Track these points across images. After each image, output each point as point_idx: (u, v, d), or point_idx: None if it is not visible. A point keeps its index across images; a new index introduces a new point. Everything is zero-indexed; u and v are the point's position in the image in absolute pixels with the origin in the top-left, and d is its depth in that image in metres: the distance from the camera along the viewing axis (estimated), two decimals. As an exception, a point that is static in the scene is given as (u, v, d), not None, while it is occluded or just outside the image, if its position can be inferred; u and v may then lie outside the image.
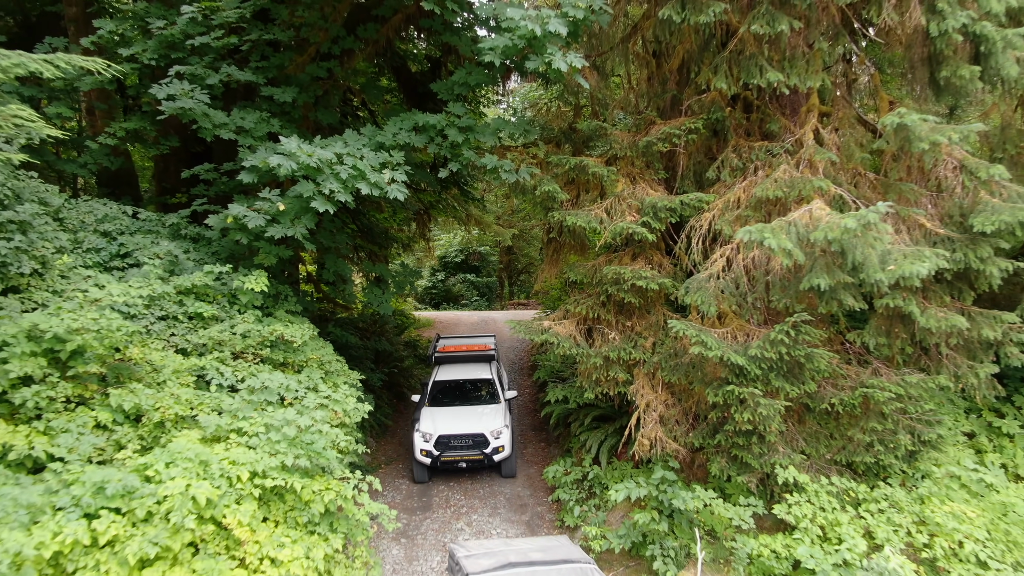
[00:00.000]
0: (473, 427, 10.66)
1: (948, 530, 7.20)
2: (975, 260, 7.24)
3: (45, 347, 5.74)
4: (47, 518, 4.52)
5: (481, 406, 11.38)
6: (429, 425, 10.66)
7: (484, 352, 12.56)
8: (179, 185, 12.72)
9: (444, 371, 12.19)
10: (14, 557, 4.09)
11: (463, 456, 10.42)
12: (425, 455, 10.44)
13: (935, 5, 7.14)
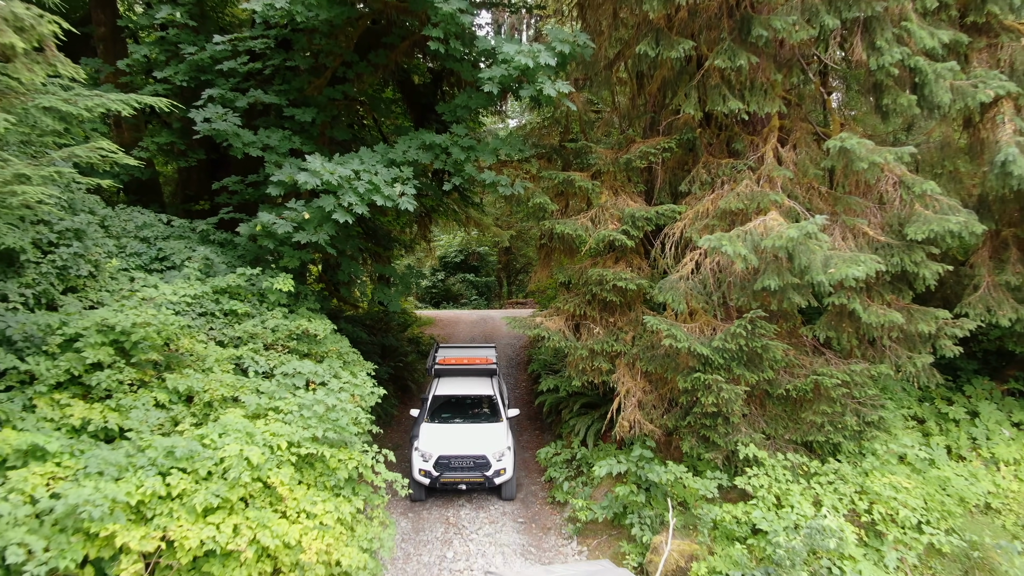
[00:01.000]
0: (475, 448, 10.26)
1: (886, 499, 8.29)
2: (910, 264, 8.33)
3: (112, 338, 6.80)
4: (129, 475, 5.59)
5: (483, 424, 10.97)
6: (428, 444, 10.26)
7: (486, 366, 12.08)
8: (201, 193, 13.80)
9: (444, 385, 11.73)
10: (111, 502, 5.15)
11: (463, 478, 10.09)
12: (424, 475, 10.08)
13: (875, 42, 8.22)
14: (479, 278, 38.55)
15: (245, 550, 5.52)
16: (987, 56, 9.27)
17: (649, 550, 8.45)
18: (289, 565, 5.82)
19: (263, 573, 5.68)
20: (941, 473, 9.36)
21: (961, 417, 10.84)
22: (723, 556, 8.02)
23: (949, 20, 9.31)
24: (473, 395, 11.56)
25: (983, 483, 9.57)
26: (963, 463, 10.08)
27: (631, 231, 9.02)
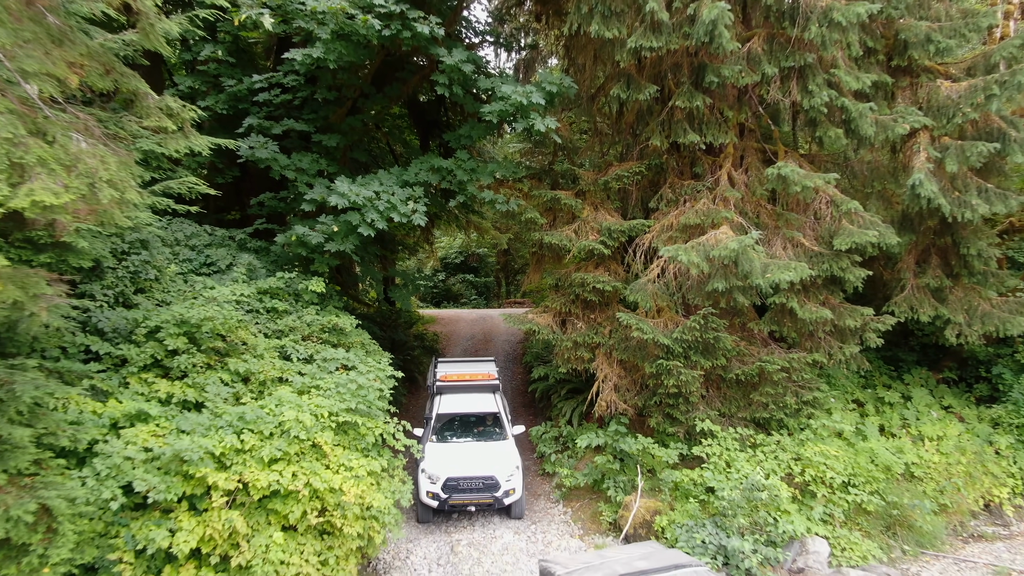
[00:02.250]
0: (483, 469, 10.17)
1: (816, 464, 9.99)
2: (838, 269, 10.04)
3: (185, 330, 8.48)
4: (212, 433, 7.27)
5: (490, 443, 10.90)
6: (435, 465, 10.16)
7: (488, 382, 11.92)
8: (229, 205, 15.50)
9: (447, 402, 11.51)
10: (204, 452, 6.82)
11: (473, 500, 10.05)
12: (432, 497, 10.01)
13: (807, 87, 9.92)
14: (478, 278, 40.22)
15: (301, 490, 7.21)
16: (909, 94, 11.00)
17: (621, 508, 10.15)
18: (332, 505, 7.49)
19: (314, 509, 7.35)
20: (871, 446, 11.05)
21: (896, 401, 12.55)
22: (681, 511, 9.73)
23: (878, 63, 11.03)
24: (478, 413, 11.42)
25: (908, 455, 11.25)
26: (893, 439, 11.78)
27: (608, 241, 10.72)
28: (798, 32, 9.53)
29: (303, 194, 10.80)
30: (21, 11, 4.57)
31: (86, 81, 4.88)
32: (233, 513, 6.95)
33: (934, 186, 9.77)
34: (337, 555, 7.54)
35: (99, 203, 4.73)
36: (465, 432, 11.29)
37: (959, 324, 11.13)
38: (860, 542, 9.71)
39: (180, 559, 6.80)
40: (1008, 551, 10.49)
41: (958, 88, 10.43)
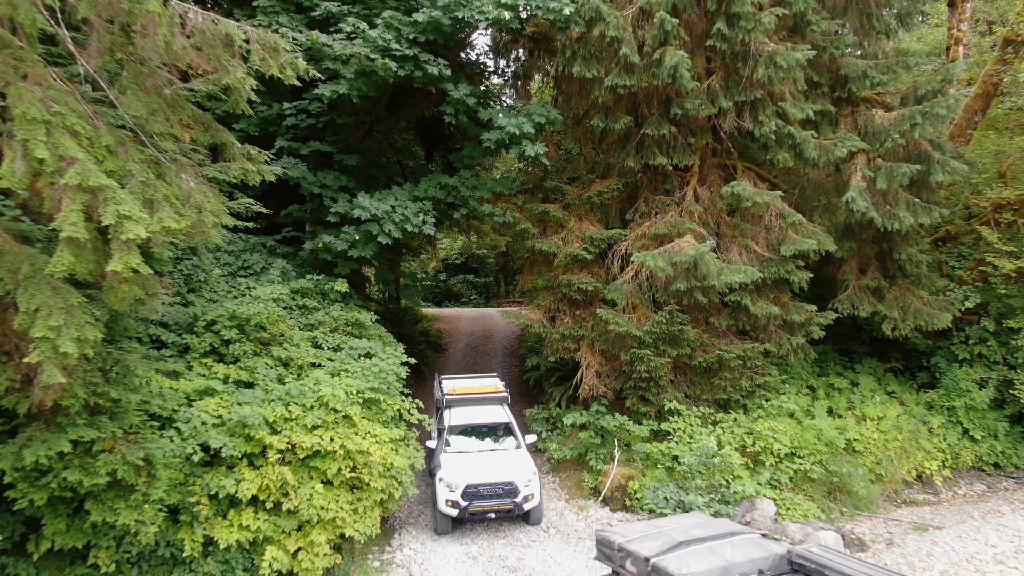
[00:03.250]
0: (502, 475, 10.34)
1: (766, 437, 11.76)
2: (785, 272, 11.82)
3: (237, 323, 10.25)
4: (266, 405, 9.02)
5: (505, 452, 11.13)
6: (453, 474, 10.32)
7: (497, 394, 12.26)
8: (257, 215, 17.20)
9: (457, 414, 11.77)
10: (261, 419, 8.58)
11: (493, 506, 10.10)
12: (451, 506, 10.09)
13: (758, 117, 11.69)
14: (478, 279, 41.95)
15: (337, 451, 8.97)
16: (850, 121, 12.78)
17: (601, 475, 11.93)
18: (361, 464, 9.24)
19: (347, 467, 9.09)
20: (818, 424, 12.82)
21: (844, 387, 14.34)
22: (650, 476, 11.51)
23: (824, 95, 12.83)
24: (490, 423, 11.71)
25: (851, 433, 13.01)
26: (839, 419, 13.55)
27: (591, 248, 12.50)
28: (749, 72, 11.29)
29: (328, 207, 12.56)
30: (149, 87, 6.35)
31: (193, 137, 6.61)
32: (283, 468, 8.71)
33: (865, 202, 11.55)
34: (365, 505, 9.29)
35: (205, 226, 6.49)
36: (479, 442, 11.44)
37: (894, 319, 12.92)
38: (802, 503, 11.47)
39: (243, 504, 8.56)
40: (933, 514, 12.28)
41: (889, 117, 12.21)
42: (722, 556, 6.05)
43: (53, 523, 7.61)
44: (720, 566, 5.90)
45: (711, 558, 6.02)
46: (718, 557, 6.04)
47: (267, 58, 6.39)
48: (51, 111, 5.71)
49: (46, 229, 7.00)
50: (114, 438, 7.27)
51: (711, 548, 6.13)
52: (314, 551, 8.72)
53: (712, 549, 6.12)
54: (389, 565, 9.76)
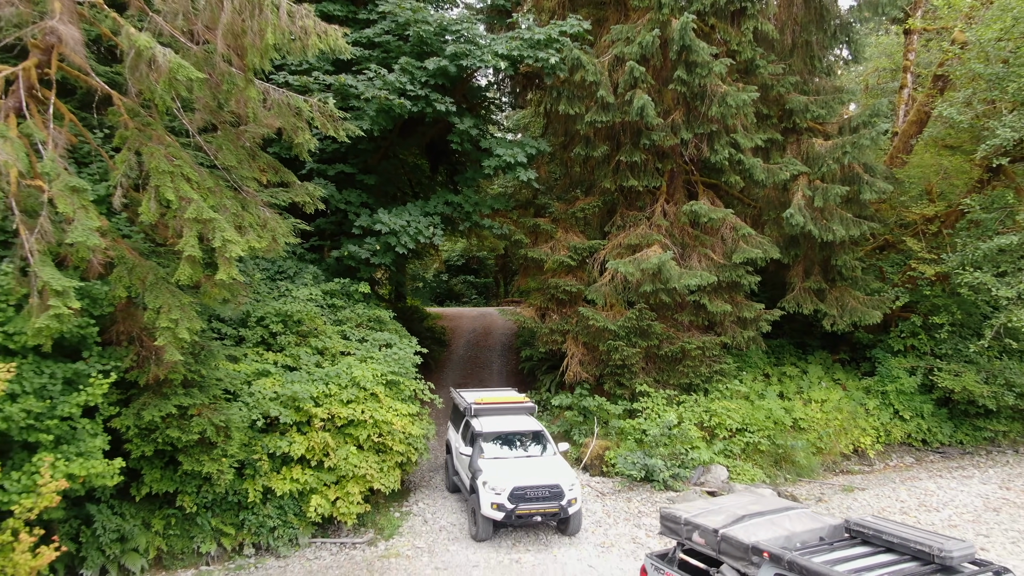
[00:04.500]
0: (548, 478, 10.34)
1: (720, 414, 14.02)
2: (736, 276, 14.08)
3: (282, 318, 12.50)
4: (310, 384, 11.28)
5: (545, 457, 11.30)
6: (497, 478, 10.30)
7: (524, 404, 12.51)
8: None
9: (488, 422, 11.86)
10: (308, 395, 10.84)
11: (540, 509, 10.02)
12: (496, 509, 10.05)
13: (714, 146, 13.94)
14: (478, 279, 44.15)
15: (367, 421, 11.22)
16: (795, 148, 15.04)
17: (582, 447, 14.20)
18: (386, 432, 11.47)
19: (374, 433, 11.32)
20: (768, 404, 15.07)
21: (795, 374, 16.62)
22: (623, 447, 13.77)
23: (772, 125, 15.09)
24: (524, 430, 11.88)
25: (797, 413, 15.26)
26: (788, 401, 15.80)
27: (574, 256, 14.77)
28: (705, 109, 13.55)
29: (352, 220, 14.81)
30: (234, 140, 8.62)
31: (268, 178, 8.86)
32: (325, 434, 10.97)
33: (803, 217, 13.81)
34: (388, 464, 11.53)
35: (276, 245, 8.76)
36: (514, 449, 11.59)
37: (833, 316, 15.20)
38: (751, 470, 13.74)
39: (293, 461, 10.81)
40: (863, 480, 14.56)
41: (826, 145, 14.48)
42: (782, 527, 6.50)
43: (151, 473, 9.87)
44: (783, 535, 6.33)
45: (773, 528, 6.46)
46: (779, 527, 6.48)
47: (326, 123, 8.63)
48: (172, 164, 7.97)
49: (157, 247, 9.29)
50: (202, 405, 9.52)
51: (771, 520, 6.59)
52: (349, 500, 10.97)
53: (772, 521, 6.58)
54: (408, 515, 12.04)
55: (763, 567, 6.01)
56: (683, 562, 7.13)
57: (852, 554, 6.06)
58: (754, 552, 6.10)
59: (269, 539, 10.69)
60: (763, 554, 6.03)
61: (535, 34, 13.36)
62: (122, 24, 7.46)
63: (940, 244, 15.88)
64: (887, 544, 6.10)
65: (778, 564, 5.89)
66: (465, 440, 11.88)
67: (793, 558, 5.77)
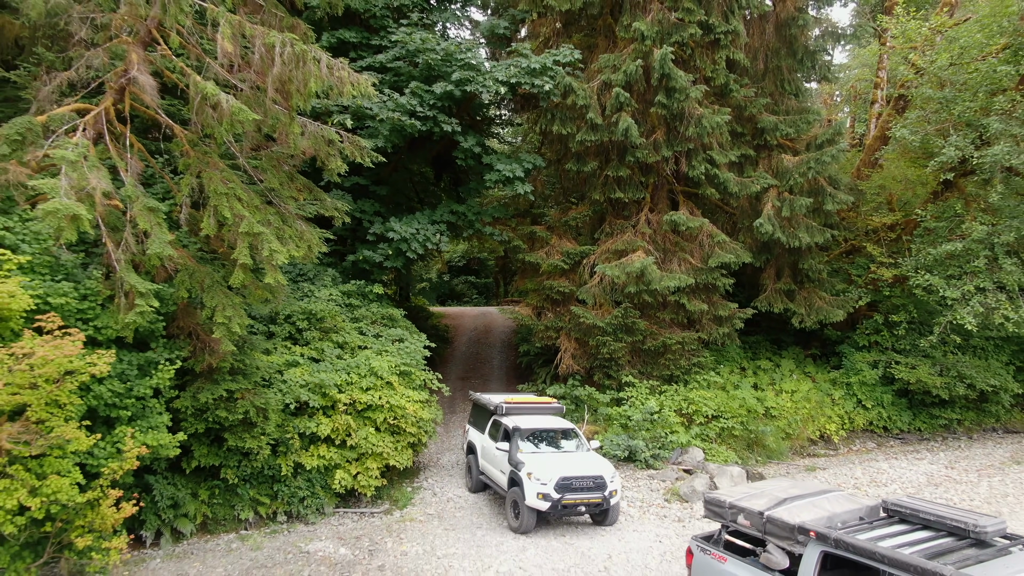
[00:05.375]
0: (592, 469, 10.70)
1: (697, 402, 15.64)
2: (711, 279, 15.70)
3: (306, 316, 14.13)
4: (334, 373, 12.89)
5: (582, 452, 11.71)
6: (541, 469, 10.61)
7: (552, 405, 13.11)
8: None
9: (522, 420, 12.33)
10: (333, 383, 12.45)
11: (584, 499, 10.37)
12: (542, 498, 10.31)
13: (691, 162, 15.56)
14: (479, 280, 45.78)
15: (384, 406, 12.83)
16: (766, 163, 16.65)
17: (574, 432, 15.79)
18: (400, 416, 13.07)
19: (390, 417, 12.93)
20: (742, 394, 16.68)
21: (769, 368, 18.25)
22: (610, 432, 15.38)
23: (746, 142, 16.70)
24: (557, 428, 12.44)
25: (769, 402, 16.88)
26: (761, 391, 17.42)
27: (567, 260, 16.39)
28: (684, 129, 15.17)
29: (367, 228, 16.43)
30: (277, 163, 10.23)
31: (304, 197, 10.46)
32: (348, 417, 12.58)
33: (771, 225, 15.42)
34: (401, 444, 13.15)
35: (311, 253, 10.38)
36: (552, 444, 12.14)
37: (801, 314, 16.82)
38: (724, 452, 15.35)
39: (320, 440, 12.42)
40: (826, 462, 16.18)
41: (793, 160, 16.09)
42: (823, 508, 6.83)
43: (199, 449, 11.47)
44: (825, 515, 6.61)
45: (815, 510, 6.77)
46: (820, 509, 6.79)
47: (355, 152, 10.25)
48: (227, 186, 9.58)
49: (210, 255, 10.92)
50: (245, 390, 11.13)
51: (812, 502, 6.93)
52: (368, 475, 12.59)
53: (813, 503, 6.91)
54: (419, 489, 13.66)
55: (809, 545, 6.32)
56: (728, 543, 7.50)
57: (892, 532, 6.32)
58: (800, 532, 6.41)
59: (299, 508, 12.30)
60: (809, 533, 6.34)
61: (532, 62, 14.98)
62: (189, 72, 9.08)
63: (900, 249, 17.50)
64: (924, 522, 6.38)
65: (824, 542, 6.19)
66: (496, 439, 12.33)
67: (839, 536, 6.06)
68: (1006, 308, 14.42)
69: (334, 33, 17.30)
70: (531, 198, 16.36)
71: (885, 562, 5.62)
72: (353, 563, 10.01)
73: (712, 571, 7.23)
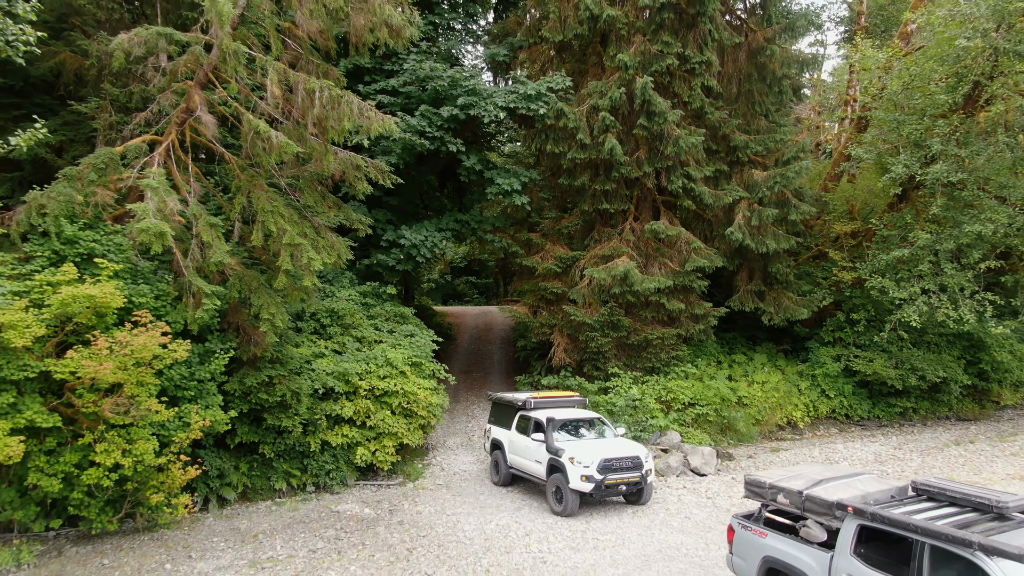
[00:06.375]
0: (629, 451, 11.38)
1: (674, 391, 17.56)
2: (688, 281, 17.63)
3: (329, 313, 16.06)
4: (355, 363, 14.82)
5: (610, 438, 12.38)
6: (582, 453, 11.33)
7: (576, 398, 13.97)
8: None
9: (550, 412, 13.05)
10: (356, 372, 14.37)
11: (625, 479, 10.97)
12: (586, 480, 10.93)
13: (671, 177, 17.48)
14: (480, 280, 47.66)
15: (399, 392, 14.76)
16: (739, 177, 18.57)
17: (566, 417, 17.73)
18: (412, 401, 14.98)
19: (404, 401, 14.84)
20: (717, 384, 18.59)
21: (743, 361, 20.17)
22: (598, 416, 17.29)
23: (720, 158, 18.63)
24: (587, 417, 13.27)
25: (741, 392, 18.77)
26: (735, 382, 19.33)
27: (560, 264, 18.32)
28: (663, 148, 17.09)
29: (380, 235, 18.36)
30: (313, 184, 12.18)
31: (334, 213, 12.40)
32: (367, 401, 14.51)
33: (741, 233, 17.34)
34: (413, 425, 15.07)
35: (340, 260, 12.30)
36: (584, 432, 12.81)
37: (770, 312, 18.75)
38: (699, 435, 17.25)
39: (344, 421, 14.35)
40: (790, 445, 18.09)
41: (762, 175, 18.01)
42: (857, 488, 7.32)
43: (242, 427, 13.40)
44: (859, 494, 7.09)
45: (849, 489, 7.27)
46: (854, 488, 7.30)
47: (379, 175, 12.19)
48: (272, 204, 11.51)
49: (255, 261, 12.84)
50: (282, 376, 13.06)
51: (846, 483, 7.46)
52: (385, 451, 14.53)
53: (847, 484, 7.44)
54: (428, 465, 15.60)
55: (847, 520, 6.85)
56: (768, 520, 8.05)
57: (922, 508, 6.80)
58: (839, 507, 6.93)
59: (326, 480, 14.23)
60: (848, 508, 6.85)
61: (528, 89, 16.90)
62: (243, 112, 11.01)
63: (861, 254, 19.42)
64: (950, 499, 6.85)
65: (861, 516, 6.68)
66: (527, 432, 13.08)
67: (875, 510, 6.54)
68: (947, 307, 16.33)
69: (351, 59, 19.21)
70: (527, 208, 18.29)
71: (919, 532, 6.13)
72: (376, 519, 11.95)
73: (753, 546, 7.76)
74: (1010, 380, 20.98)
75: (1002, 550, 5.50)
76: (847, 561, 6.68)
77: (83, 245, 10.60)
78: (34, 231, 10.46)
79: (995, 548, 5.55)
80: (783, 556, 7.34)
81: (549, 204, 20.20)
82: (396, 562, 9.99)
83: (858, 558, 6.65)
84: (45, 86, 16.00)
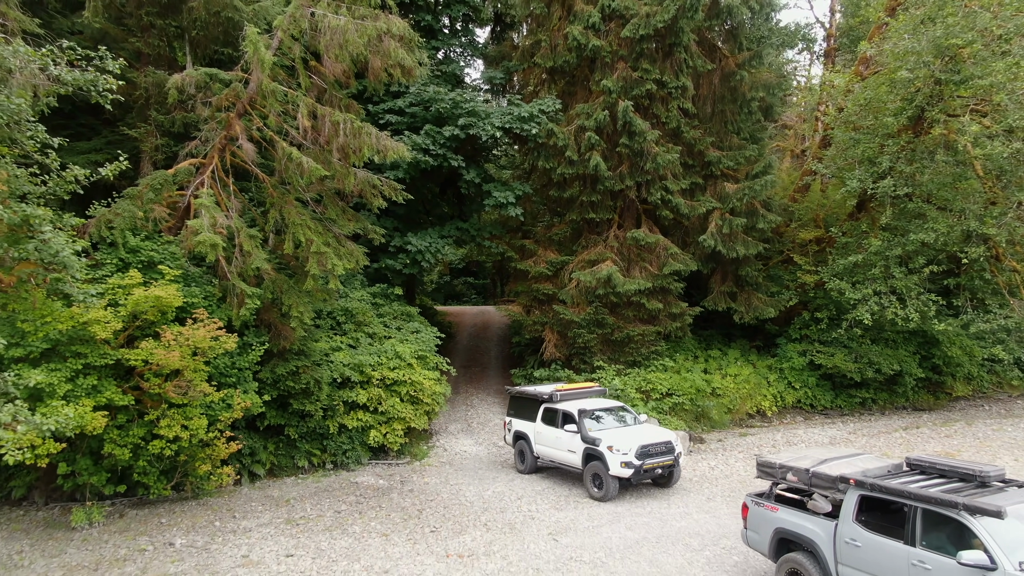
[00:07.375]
0: (662, 436, 11.97)
1: (653, 382, 19.52)
2: (666, 283, 19.60)
3: (343, 311, 17.99)
4: (368, 355, 16.75)
5: (638, 425, 12.85)
6: (619, 440, 11.76)
7: (596, 388, 14.75)
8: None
9: (577, 403, 13.65)
10: (369, 364, 16.32)
11: (660, 463, 11.51)
12: (625, 467, 11.42)
13: (650, 190, 19.44)
14: (478, 280, 49.55)
15: (407, 381, 16.69)
16: (713, 189, 20.56)
17: (556, 406, 19.69)
18: (418, 389, 16.90)
19: (411, 390, 16.76)
20: (693, 376, 20.55)
21: (718, 356, 22.15)
22: (584, 405, 19.26)
23: (696, 172, 20.61)
24: (613, 406, 13.84)
25: (715, 383, 20.75)
26: (709, 375, 21.29)
27: (551, 268, 20.28)
28: (643, 164, 19.06)
29: (388, 241, 20.29)
30: (335, 200, 14.13)
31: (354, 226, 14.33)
32: (379, 389, 16.44)
33: (713, 240, 19.31)
34: (419, 412, 17.00)
35: (358, 265, 14.24)
36: (613, 421, 13.27)
37: (741, 311, 20.74)
38: (675, 422, 19.22)
39: (358, 407, 16.27)
40: (758, 431, 20.06)
41: (733, 187, 19.99)
42: (858, 466, 8.09)
43: (270, 412, 15.33)
44: (860, 470, 7.86)
45: (851, 466, 8.05)
46: (855, 466, 8.06)
47: (393, 192, 14.13)
48: (300, 218, 13.44)
49: (284, 266, 14.77)
50: (306, 367, 14.99)
51: (848, 462, 8.24)
52: (395, 434, 16.47)
53: (849, 462, 8.21)
54: (433, 447, 17.55)
55: (849, 491, 7.67)
56: (779, 496, 8.85)
57: (915, 479, 7.55)
58: (841, 481, 7.76)
59: (343, 459, 16.16)
60: (849, 481, 7.65)
61: (522, 111, 18.86)
62: (277, 140, 12.93)
63: (824, 259, 21.42)
64: (940, 472, 7.63)
65: (862, 487, 7.50)
66: (555, 424, 13.77)
67: (874, 481, 7.35)
68: (896, 307, 18.33)
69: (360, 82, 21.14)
70: (521, 219, 20.25)
71: (912, 498, 6.97)
72: (390, 488, 13.90)
73: (765, 519, 8.60)
74: (961, 373, 22.99)
75: (981, 507, 6.43)
76: (850, 528, 7.54)
77: (144, 254, 12.53)
78: (103, 241, 12.38)
79: (975, 506, 6.47)
80: (793, 527, 8.18)
81: (541, 214, 22.17)
82: (408, 520, 11.95)
83: (859, 524, 7.49)
84: (90, 108, 17.88)
